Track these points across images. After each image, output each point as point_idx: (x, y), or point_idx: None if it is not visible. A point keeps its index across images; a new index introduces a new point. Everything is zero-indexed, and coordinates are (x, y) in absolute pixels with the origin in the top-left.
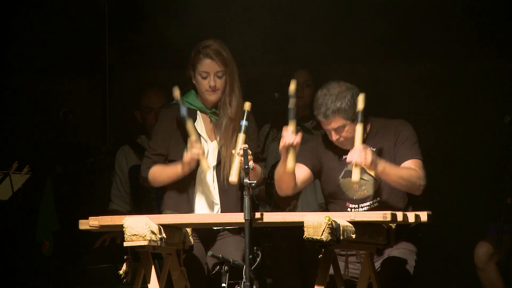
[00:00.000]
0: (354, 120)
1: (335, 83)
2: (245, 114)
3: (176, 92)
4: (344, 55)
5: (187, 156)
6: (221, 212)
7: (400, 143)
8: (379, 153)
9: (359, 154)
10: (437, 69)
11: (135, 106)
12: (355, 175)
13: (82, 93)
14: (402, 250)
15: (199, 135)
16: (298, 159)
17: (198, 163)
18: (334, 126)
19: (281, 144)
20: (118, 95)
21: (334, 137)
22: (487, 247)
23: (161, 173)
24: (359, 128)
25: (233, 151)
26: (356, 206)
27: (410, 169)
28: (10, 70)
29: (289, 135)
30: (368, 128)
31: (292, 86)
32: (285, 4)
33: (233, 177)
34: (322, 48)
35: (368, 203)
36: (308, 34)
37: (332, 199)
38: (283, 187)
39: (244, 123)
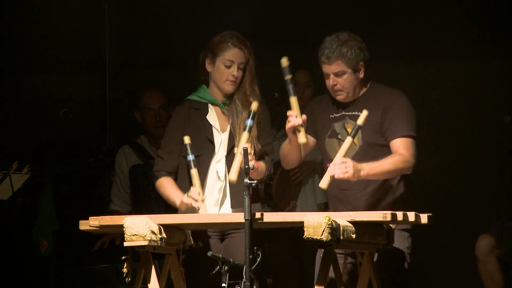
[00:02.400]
0: (355, 71)
1: (346, 33)
2: (251, 113)
3: (186, 140)
4: None
5: (186, 204)
6: (231, 201)
7: (392, 117)
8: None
9: (339, 168)
10: (437, 69)
11: (135, 107)
12: (324, 183)
13: (82, 93)
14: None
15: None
16: None
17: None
18: (334, 69)
19: (287, 126)
20: (118, 95)
21: (331, 81)
22: (488, 239)
23: (163, 192)
24: (348, 140)
25: (235, 149)
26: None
27: (394, 156)
28: (10, 70)
29: (294, 118)
30: (363, 91)
31: (284, 61)
32: (286, 3)
33: (233, 176)
34: None
35: None
36: (309, 34)
37: (323, 155)
38: (290, 162)
39: (249, 122)
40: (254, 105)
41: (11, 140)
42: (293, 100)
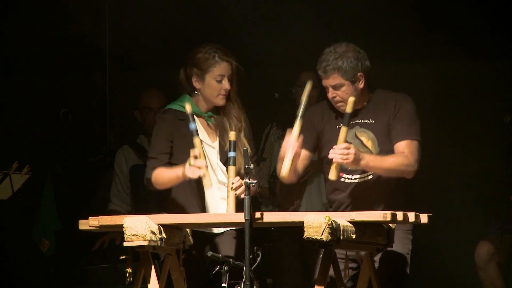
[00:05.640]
0: (353, 82)
1: (344, 43)
2: (232, 145)
3: (188, 107)
4: None
5: (189, 172)
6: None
7: (399, 119)
8: (374, 126)
9: (340, 153)
10: (437, 69)
11: (135, 106)
12: (332, 174)
13: (82, 93)
14: (397, 234)
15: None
16: None
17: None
18: (331, 83)
19: (281, 150)
20: (118, 95)
21: (330, 94)
22: (488, 246)
23: (163, 176)
24: (343, 129)
25: (226, 186)
26: (349, 176)
27: (398, 156)
28: (10, 70)
29: (287, 144)
30: (368, 98)
31: (308, 86)
32: (290, 4)
33: (231, 211)
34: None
35: (359, 176)
36: (312, 35)
37: (326, 164)
38: (287, 180)
39: (231, 154)
40: (232, 135)
41: (11, 140)
42: (298, 123)
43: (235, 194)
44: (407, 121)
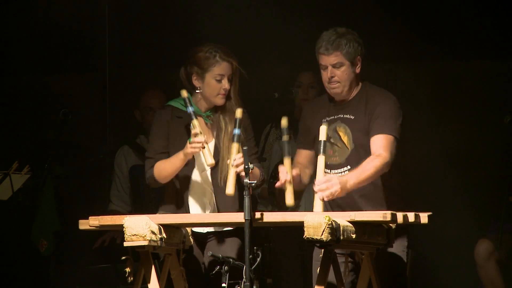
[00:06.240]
0: (352, 64)
1: (344, 28)
2: (237, 122)
3: (184, 92)
4: None
5: (190, 148)
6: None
7: (376, 116)
8: (352, 122)
9: (327, 188)
10: (437, 69)
11: (135, 105)
12: (318, 207)
13: (82, 93)
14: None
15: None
16: (298, 145)
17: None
18: (333, 61)
19: (277, 184)
20: (118, 95)
21: (329, 73)
22: (487, 244)
23: (164, 166)
24: (321, 159)
25: (228, 162)
26: (328, 171)
27: (374, 160)
28: (10, 70)
29: (284, 174)
30: (355, 91)
31: (284, 122)
32: (290, 4)
33: (230, 190)
34: None
35: (338, 170)
36: (312, 36)
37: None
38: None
39: (236, 131)
40: (239, 112)
41: (11, 140)
42: (287, 161)
43: (236, 171)
44: (384, 117)
